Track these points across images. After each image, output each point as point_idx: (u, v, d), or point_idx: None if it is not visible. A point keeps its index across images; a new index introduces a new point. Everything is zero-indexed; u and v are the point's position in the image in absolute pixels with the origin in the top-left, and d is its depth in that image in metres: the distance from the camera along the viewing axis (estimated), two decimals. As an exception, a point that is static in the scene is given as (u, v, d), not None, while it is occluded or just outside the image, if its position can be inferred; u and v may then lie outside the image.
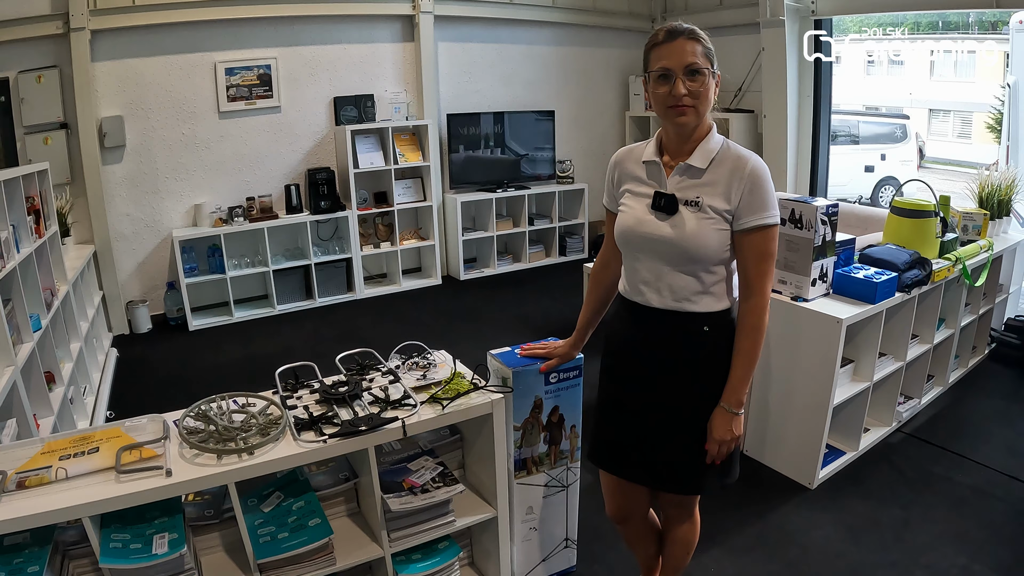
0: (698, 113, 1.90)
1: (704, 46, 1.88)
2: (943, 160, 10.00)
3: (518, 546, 2.56)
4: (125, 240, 5.96)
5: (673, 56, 1.86)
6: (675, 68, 1.85)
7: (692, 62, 1.85)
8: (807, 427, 3.36)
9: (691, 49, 1.86)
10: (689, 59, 1.85)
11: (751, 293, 1.94)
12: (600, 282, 2.31)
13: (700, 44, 1.87)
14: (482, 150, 7.34)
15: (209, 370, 5.12)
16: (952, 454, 3.65)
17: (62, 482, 1.78)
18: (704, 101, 1.89)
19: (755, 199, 1.89)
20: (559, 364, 2.37)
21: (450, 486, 2.19)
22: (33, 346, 3.30)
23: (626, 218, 2.04)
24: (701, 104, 1.89)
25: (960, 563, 2.82)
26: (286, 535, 1.98)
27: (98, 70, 5.59)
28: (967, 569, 2.78)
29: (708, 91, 1.89)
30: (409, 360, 2.40)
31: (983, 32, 7.81)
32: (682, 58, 1.85)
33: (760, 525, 3.11)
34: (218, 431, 1.92)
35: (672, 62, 1.86)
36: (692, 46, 1.86)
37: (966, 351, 4.56)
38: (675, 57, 1.85)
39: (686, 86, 1.86)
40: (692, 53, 1.85)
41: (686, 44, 1.86)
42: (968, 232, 4.20)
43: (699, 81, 1.86)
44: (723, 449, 2.00)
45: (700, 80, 1.86)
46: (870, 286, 3.29)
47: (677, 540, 2.36)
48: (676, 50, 1.86)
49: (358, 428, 1.93)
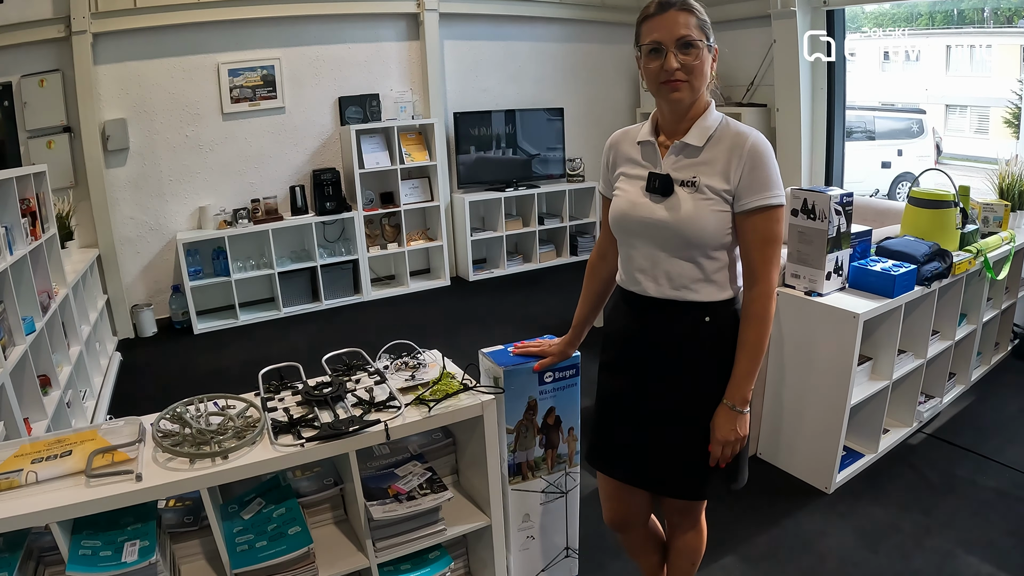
0: (692, 88, 1.79)
1: (698, 18, 1.77)
2: (960, 156, 9.82)
3: (515, 555, 2.46)
4: (129, 243, 5.93)
5: (664, 28, 1.75)
6: (666, 41, 1.75)
7: (684, 35, 1.74)
8: (823, 429, 3.23)
9: (684, 21, 1.75)
10: (681, 31, 1.74)
11: (755, 280, 1.82)
12: (597, 274, 2.21)
13: (694, 15, 1.77)
14: (493, 151, 7.26)
15: (213, 374, 5.07)
16: (976, 455, 3.52)
17: (32, 486, 1.71)
18: (699, 76, 1.78)
19: (756, 178, 1.77)
20: (554, 363, 2.26)
21: (438, 493, 2.09)
22: (25, 348, 3.24)
23: (620, 202, 1.94)
24: (695, 79, 1.78)
25: (986, 572, 2.69)
26: (264, 544, 1.89)
27: (101, 73, 5.56)
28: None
29: (703, 65, 1.78)
30: (398, 360, 2.31)
31: (998, 25, 7.66)
32: (674, 30, 1.75)
33: (774, 532, 2.99)
34: (193, 434, 1.84)
35: (663, 35, 1.75)
36: (685, 18, 1.75)
37: (988, 348, 4.41)
38: (666, 30, 1.75)
39: (678, 60, 1.75)
40: (685, 25, 1.75)
41: (678, 16, 1.75)
42: (989, 224, 4.05)
43: (692, 54, 1.76)
44: (727, 451, 1.89)
45: (694, 53, 1.76)
46: (888, 279, 3.15)
47: (682, 550, 2.23)
48: (668, 22, 1.75)
49: (338, 431, 1.84)
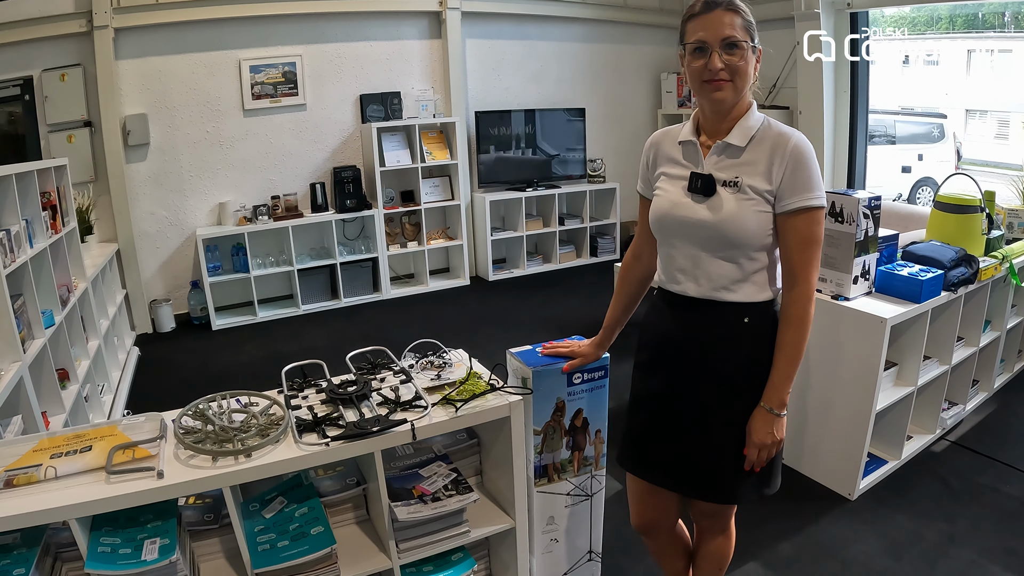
0: (735, 89, 1.78)
1: (744, 18, 1.76)
2: (980, 161, 9.71)
3: (538, 558, 2.41)
4: (149, 238, 5.93)
5: (709, 28, 1.74)
6: (711, 41, 1.74)
7: (729, 35, 1.73)
8: (848, 434, 3.18)
9: (729, 21, 1.74)
10: (726, 31, 1.73)
11: (795, 282, 1.80)
12: (631, 275, 2.18)
13: (739, 16, 1.76)
14: (512, 151, 7.22)
15: (231, 370, 5.06)
16: (1000, 464, 3.46)
17: (50, 481, 1.67)
18: (742, 76, 1.77)
19: (798, 178, 1.75)
20: (583, 364, 2.21)
21: (463, 495, 2.04)
22: (44, 342, 3.23)
23: (661, 202, 1.92)
24: (739, 79, 1.77)
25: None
26: (286, 543, 1.84)
27: (122, 68, 5.58)
28: (1017, 588, 2.63)
29: (747, 66, 1.77)
30: (424, 359, 2.27)
31: (1019, 30, 7.55)
32: (719, 30, 1.74)
33: (798, 538, 2.95)
34: (215, 431, 1.80)
35: (708, 34, 1.74)
36: (730, 18, 1.74)
37: (1011, 355, 4.36)
38: (712, 29, 1.74)
39: (722, 60, 1.74)
40: (730, 25, 1.74)
41: (724, 16, 1.74)
42: (1013, 230, 4.01)
43: (737, 55, 1.75)
44: (763, 454, 1.86)
45: (738, 54, 1.75)
46: (915, 284, 3.11)
47: (709, 555, 2.20)
48: (713, 22, 1.74)
49: (363, 430, 1.79)
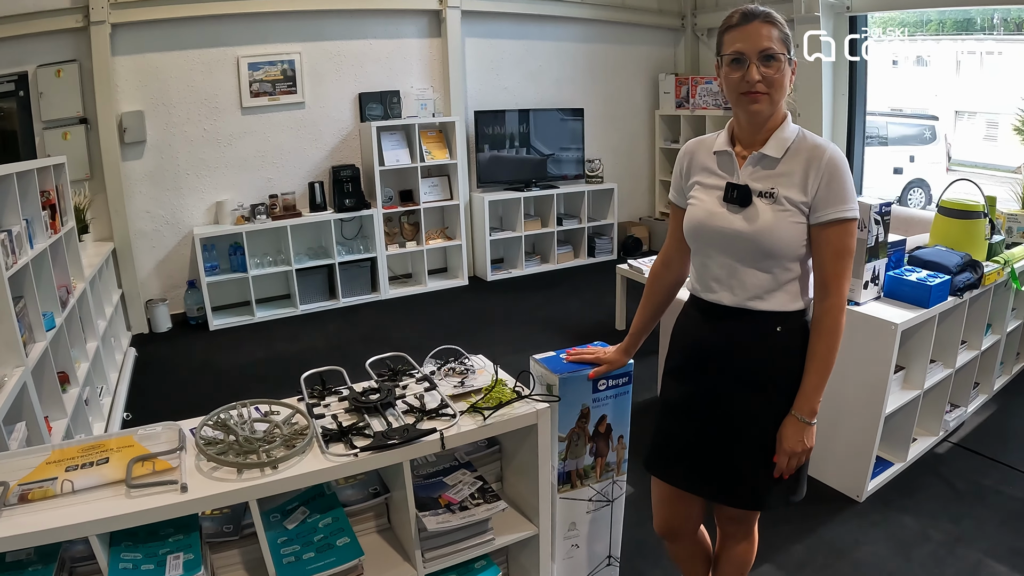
0: (772, 101, 1.80)
1: (781, 31, 1.78)
2: (969, 163, 9.77)
3: (559, 564, 2.38)
4: (145, 237, 5.86)
5: (747, 40, 1.76)
6: (749, 53, 1.76)
7: (767, 47, 1.75)
8: (857, 437, 3.21)
9: (767, 33, 1.76)
10: (764, 43, 1.75)
11: (827, 293, 1.81)
12: (660, 283, 2.16)
13: (776, 28, 1.77)
14: (513, 150, 7.19)
15: (230, 371, 5.00)
16: (1003, 466, 3.51)
17: (68, 496, 1.61)
18: (779, 88, 1.79)
19: (833, 190, 1.76)
20: (609, 371, 2.19)
21: (491, 503, 2.01)
22: (46, 345, 3.16)
23: (696, 211, 1.91)
24: (775, 91, 1.78)
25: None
26: (312, 555, 1.80)
27: (118, 64, 5.50)
28: (1025, 587, 2.67)
29: (783, 78, 1.78)
30: (445, 366, 2.22)
31: (1008, 33, 7.58)
32: (757, 42, 1.75)
33: (809, 540, 2.98)
34: (238, 442, 1.75)
35: (746, 46, 1.76)
36: (768, 30, 1.76)
37: (1010, 358, 4.44)
38: (750, 41, 1.76)
39: (760, 72, 1.76)
40: (768, 37, 1.76)
41: (761, 28, 1.76)
42: (1012, 234, 4.08)
43: (774, 67, 1.76)
44: (793, 462, 1.88)
45: (775, 66, 1.77)
46: (924, 289, 3.14)
47: (732, 560, 2.21)
48: (751, 34, 1.76)
49: (393, 441, 1.75)
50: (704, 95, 7.63)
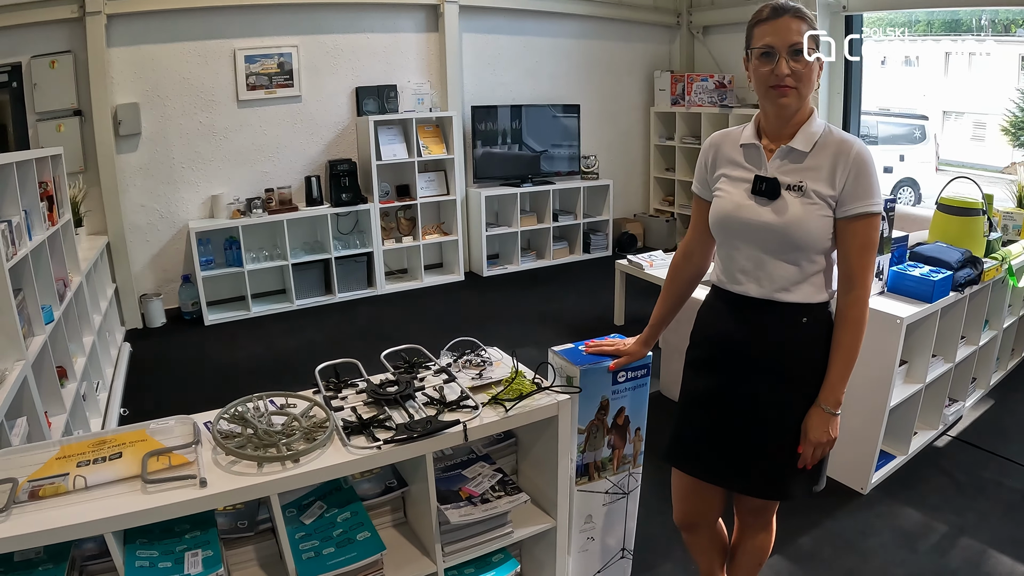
0: (800, 95, 1.80)
1: (810, 25, 1.78)
2: (956, 162, 9.84)
3: (573, 558, 2.36)
4: (139, 231, 5.79)
5: (778, 34, 1.77)
6: (779, 47, 1.76)
7: (797, 41, 1.76)
8: (861, 431, 3.23)
9: (796, 28, 1.76)
10: (794, 38, 1.76)
11: (852, 285, 1.83)
12: (681, 275, 2.16)
13: (806, 23, 1.78)
14: (509, 146, 7.17)
15: (227, 366, 4.95)
16: (1001, 458, 3.56)
17: (81, 492, 1.56)
18: (807, 83, 1.79)
19: (860, 185, 1.78)
20: (628, 363, 2.18)
21: (512, 495, 1.99)
22: (45, 339, 3.10)
23: (723, 203, 1.91)
24: (803, 86, 1.79)
25: (1020, 571, 2.73)
26: (332, 550, 1.76)
27: (114, 56, 5.43)
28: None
29: (811, 73, 1.79)
30: (462, 358, 2.19)
31: (996, 34, 7.62)
32: (787, 36, 1.76)
33: (816, 532, 3.01)
34: (257, 435, 1.70)
35: (776, 40, 1.77)
36: (798, 24, 1.77)
37: (1005, 354, 4.51)
38: (780, 35, 1.76)
39: (789, 66, 1.76)
40: (797, 32, 1.76)
41: (791, 22, 1.77)
42: (1008, 232, 4.14)
43: (803, 62, 1.77)
44: (817, 452, 1.91)
45: (804, 61, 1.77)
46: (927, 284, 3.18)
47: (751, 550, 2.24)
48: (781, 28, 1.77)
49: (416, 432, 1.72)
50: (699, 92, 7.62)
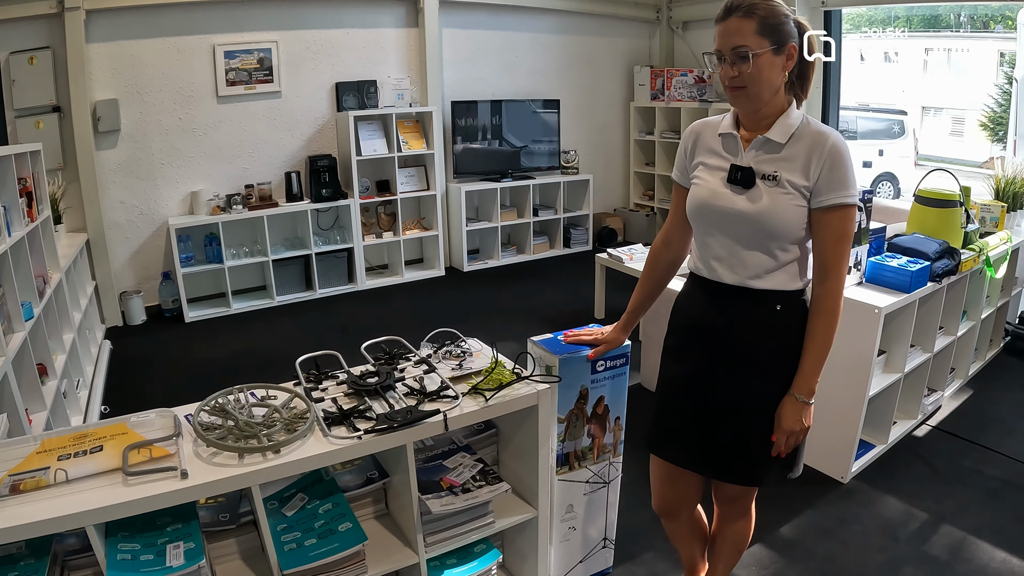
0: (749, 96, 1.79)
1: (763, 22, 1.72)
2: (935, 157, 9.96)
3: (555, 547, 2.39)
4: (119, 228, 5.75)
5: (721, 37, 1.76)
6: (723, 50, 1.76)
7: (737, 44, 1.73)
8: (841, 420, 3.27)
9: (738, 28, 1.73)
10: (735, 41, 1.73)
11: (826, 276, 1.83)
12: (660, 261, 2.17)
13: (755, 21, 1.72)
14: (488, 141, 7.17)
15: (207, 363, 4.93)
16: (979, 447, 3.60)
17: (62, 485, 1.57)
18: (756, 83, 1.76)
19: (835, 176, 1.78)
20: (607, 351, 2.20)
21: (493, 485, 2.01)
22: (25, 336, 3.08)
23: (700, 191, 1.93)
24: (753, 86, 1.77)
25: (999, 557, 2.77)
26: (314, 542, 1.78)
27: (93, 52, 5.38)
28: (1007, 563, 2.73)
29: (760, 72, 1.75)
30: (442, 349, 2.21)
31: (975, 31, 7.71)
32: (729, 39, 1.74)
33: (797, 521, 3.04)
34: (238, 427, 1.72)
35: (721, 43, 1.77)
36: (744, 25, 1.72)
37: (983, 344, 4.57)
38: (724, 37, 1.76)
39: (735, 68, 1.75)
40: (739, 33, 1.72)
41: (737, 23, 1.73)
42: (985, 224, 4.19)
43: (745, 65, 1.74)
44: (791, 440, 1.92)
45: (745, 65, 1.74)
46: (905, 275, 3.22)
47: (730, 537, 2.25)
48: (727, 30, 1.75)
49: (396, 422, 1.74)
50: (679, 87, 7.66)
